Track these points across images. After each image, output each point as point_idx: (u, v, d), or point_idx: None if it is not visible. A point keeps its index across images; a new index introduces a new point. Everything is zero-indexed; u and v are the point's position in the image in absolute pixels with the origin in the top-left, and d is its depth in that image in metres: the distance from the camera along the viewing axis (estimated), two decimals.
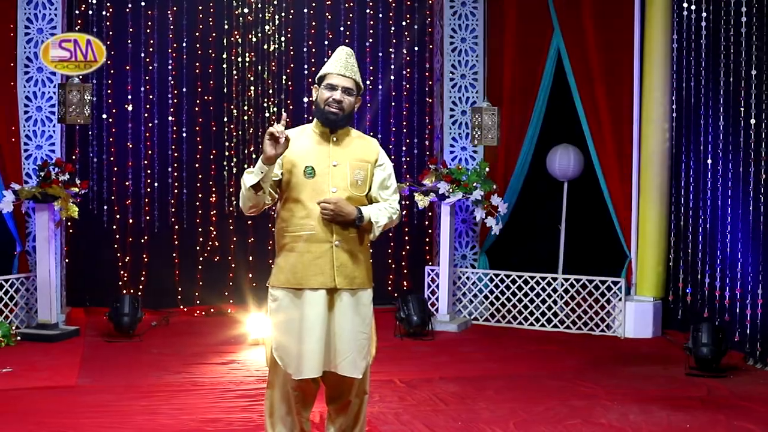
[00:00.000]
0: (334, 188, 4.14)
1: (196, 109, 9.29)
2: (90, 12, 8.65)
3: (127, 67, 9.06)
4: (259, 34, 9.35)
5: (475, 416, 5.57)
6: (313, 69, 9.46)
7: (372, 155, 4.30)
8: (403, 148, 9.70)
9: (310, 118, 9.15)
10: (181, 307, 9.22)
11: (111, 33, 8.96)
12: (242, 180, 4.09)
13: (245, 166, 9.36)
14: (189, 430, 5.23)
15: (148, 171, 9.20)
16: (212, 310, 9.21)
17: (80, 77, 7.64)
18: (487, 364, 7.25)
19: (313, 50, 9.48)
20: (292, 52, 9.45)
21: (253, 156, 9.36)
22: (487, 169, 8.63)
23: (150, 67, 9.14)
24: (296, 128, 4.39)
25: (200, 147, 9.30)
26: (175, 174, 9.27)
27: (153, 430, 5.23)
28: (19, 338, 7.72)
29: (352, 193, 4.18)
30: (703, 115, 7.89)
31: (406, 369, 6.82)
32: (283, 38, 9.41)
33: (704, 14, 7.78)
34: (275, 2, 9.35)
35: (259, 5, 9.32)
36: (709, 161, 7.79)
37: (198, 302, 9.29)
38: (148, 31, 9.09)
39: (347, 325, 4.16)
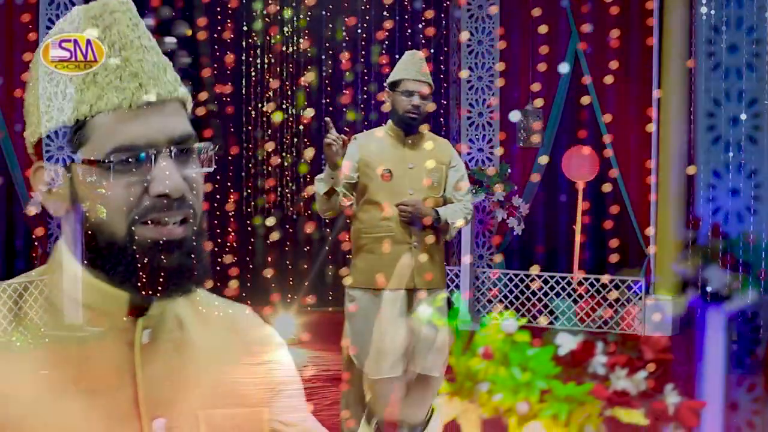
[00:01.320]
0: (411, 190, 4.20)
1: (214, 110, 9.30)
2: None
3: None
4: (278, 36, 9.38)
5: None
6: (331, 71, 9.51)
7: (446, 157, 4.37)
8: None
9: (319, 117, 9.41)
10: (200, 308, 9.21)
11: None
12: (315, 187, 4.17)
13: (263, 167, 9.40)
14: None
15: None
16: (230, 311, 9.22)
17: None
18: None
19: (330, 52, 9.52)
20: (309, 54, 9.49)
21: (272, 156, 9.39)
22: (509, 170, 8.73)
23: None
24: (367, 132, 4.44)
25: (218, 148, 9.31)
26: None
27: None
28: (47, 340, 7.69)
29: (429, 195, 4.24)
30: (723, 116, 8.00)
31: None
32: (301, 40, 9.45)
33: (724, 18, 7.91)
34: (293, 4, 9.39)
35: (278, 7, 9.35)
36: (730, 160, 7.92)
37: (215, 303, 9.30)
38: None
39: (426, 325, 4.22)
